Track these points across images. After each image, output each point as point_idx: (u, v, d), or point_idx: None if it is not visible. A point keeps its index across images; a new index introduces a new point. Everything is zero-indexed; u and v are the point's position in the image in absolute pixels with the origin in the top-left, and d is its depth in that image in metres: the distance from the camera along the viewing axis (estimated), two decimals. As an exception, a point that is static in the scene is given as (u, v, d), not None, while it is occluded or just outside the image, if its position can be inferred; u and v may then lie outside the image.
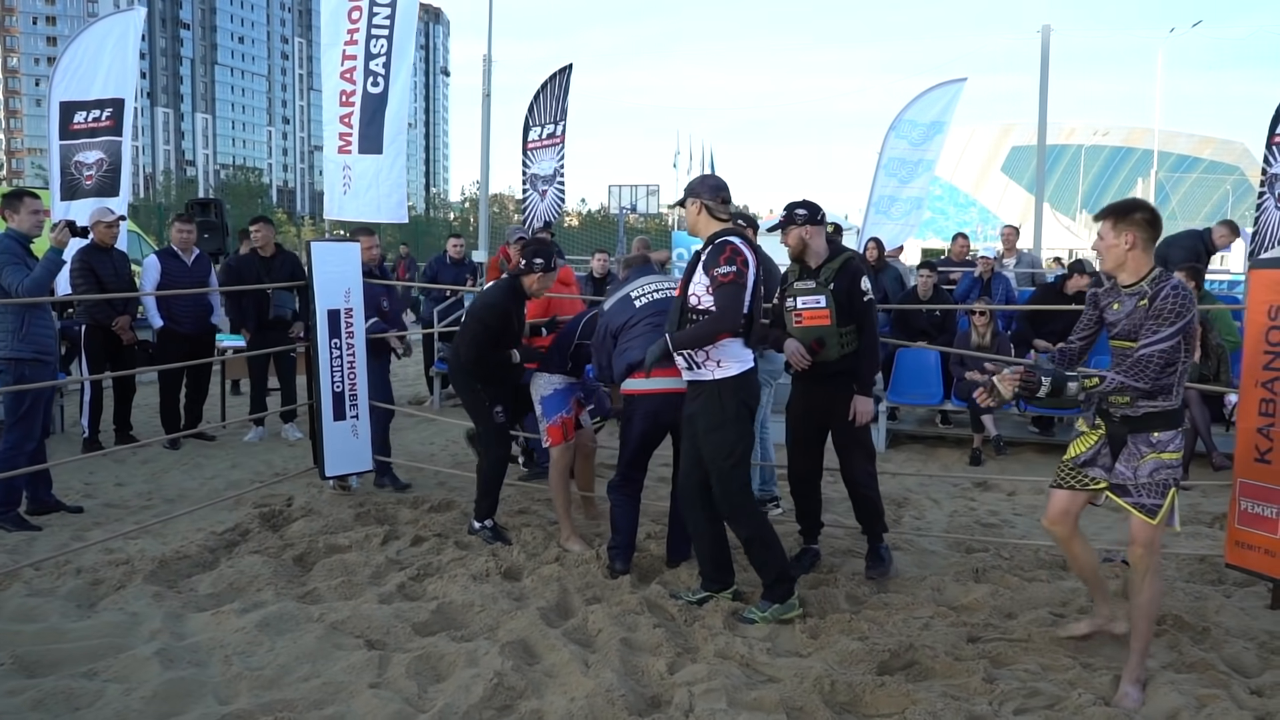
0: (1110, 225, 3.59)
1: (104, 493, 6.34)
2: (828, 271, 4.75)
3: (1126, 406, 3.64)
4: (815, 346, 4.73)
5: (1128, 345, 3.60)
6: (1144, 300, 3.54)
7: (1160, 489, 3.58)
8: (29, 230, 5.44)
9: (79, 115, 8.10)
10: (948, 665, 3.80)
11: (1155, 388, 3.54)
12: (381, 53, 6.03)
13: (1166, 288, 3.49)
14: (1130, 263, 3.58)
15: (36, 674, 3.60)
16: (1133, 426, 3.64)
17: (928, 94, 10.71)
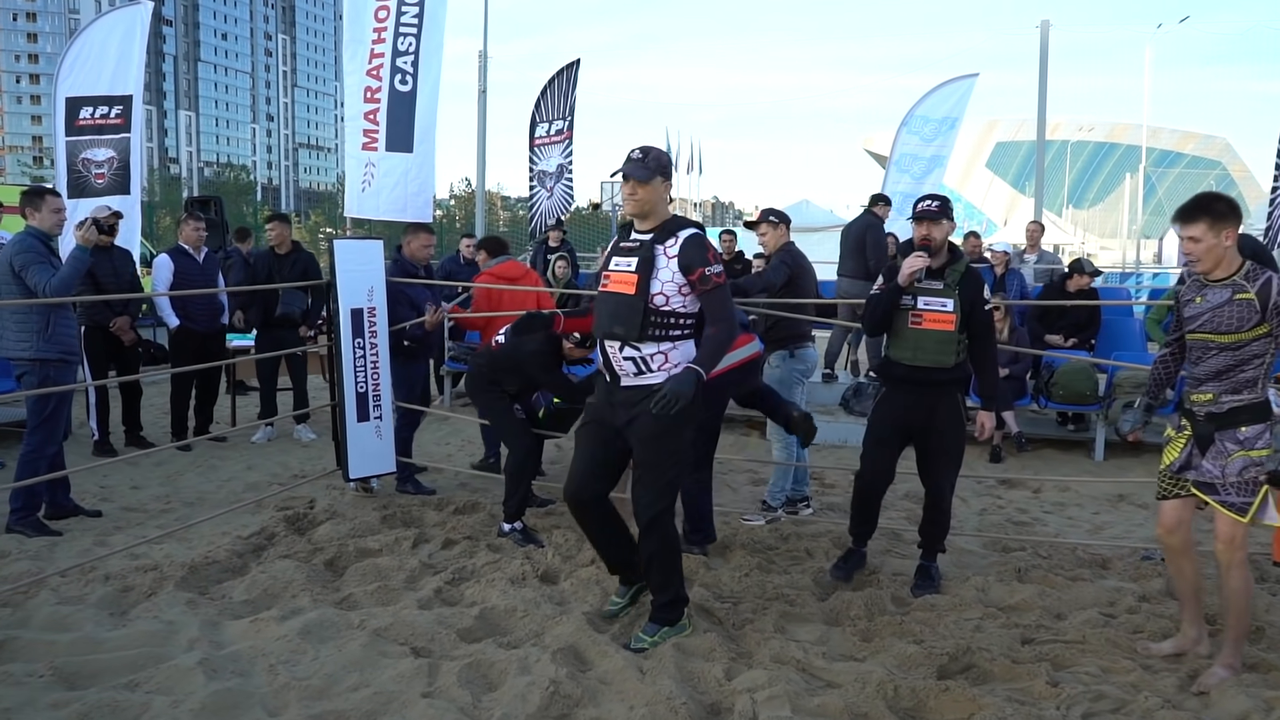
0: (1207, 226, 3.54)
1: (120, 496, 6.21)
2: (953, 274, 4.51)
3: (1211, 404, 3.61)
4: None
5: (1213, 338, 3.59)
6: (1244, 295, 3.52)
7: (1250, 487, 3.56)
8: (50, 229, 5.32)
9: (85, 111, 7.94)
10: (1007, 668, 3.74)
11: (1242, 381, 3.56)
12: (410, 50, 5.93)
13: (1274, 283, 3.49)
14: (1226, 257, 3.57)
15: (77, 685, 3.50)
16: (1219, 423, 3.61)
17: (940, 89, 10.66)
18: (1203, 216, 3.55)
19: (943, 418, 4.59)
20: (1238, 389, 3.57)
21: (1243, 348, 3.55)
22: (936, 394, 4.56)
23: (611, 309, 3.76)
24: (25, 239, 5.23)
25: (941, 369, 4.52)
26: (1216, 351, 3.60)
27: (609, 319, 3.77)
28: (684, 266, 3.67)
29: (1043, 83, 14.44)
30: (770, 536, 5.46)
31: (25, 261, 5.11)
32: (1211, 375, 3.62)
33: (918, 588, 4.63)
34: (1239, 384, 3.57)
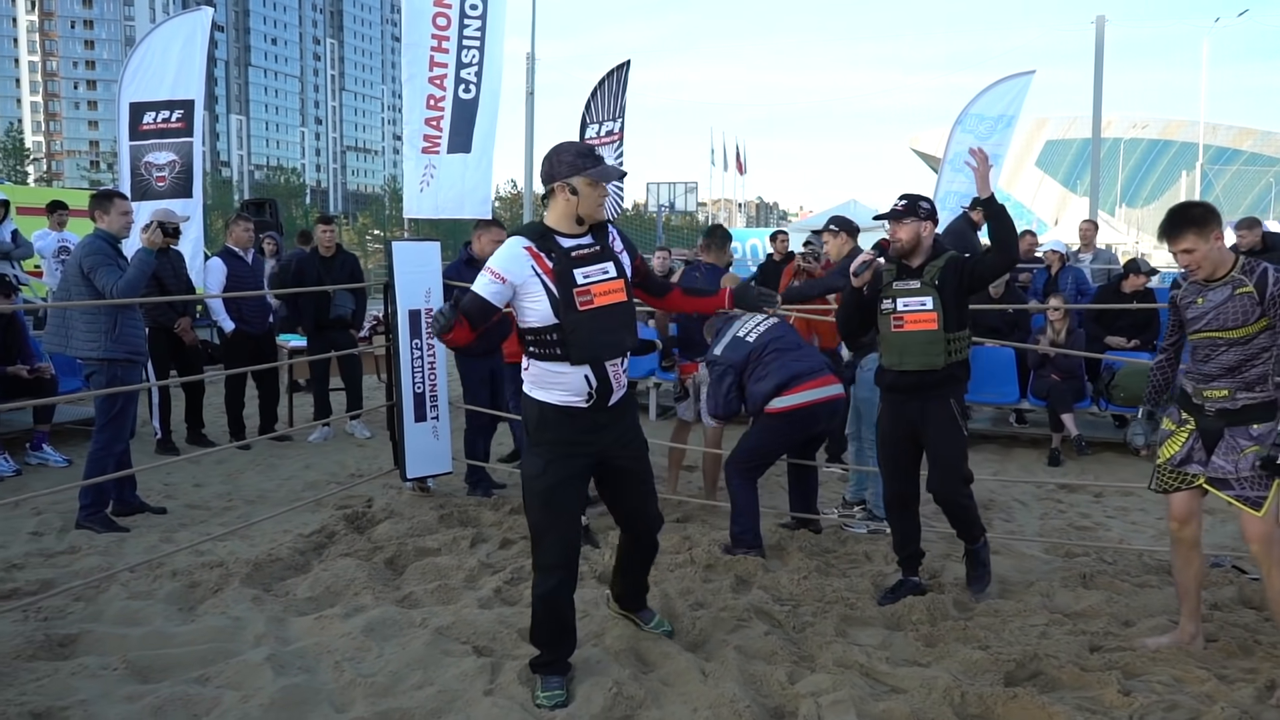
0: (1196, 235, 3.61)
1: (184, 494, 6.32)
2: (931, 270, 4.32)
3: (1226, 400, 3.65)
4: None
5: (1221, 335, 3.63)
6: (1243, 289, 3.59)
7: (1264, 480, 3.59)
8: (118, 231, 5.43)
9: (148, 116, 8.11)
10: (1076, 675, 3.67)
11: (1253, 377, 3.61)
12: (473, 62, 6.03)
13: (1270, 274, 3.56)
14: (1221, 258, 3.64)
15: (150, 679, 3.56)
16: (1230, 420, 3.66)
17: (995, 87, 10.52)
18: (1188, 228, 3.61)
19: (933, 422, 4.37)
20: (1250, 385, 3.62)
21: (1251, 341, 3.59)
22: (926, 398, 4.36)
23: (619, 322, 3.40)
24: (94, 241, 5.35)
25: (930, 371, 4.32)
26: (1226, 348, 3.64)
27: (621, 333, 3.41)
28: (632, 258, 3.56)
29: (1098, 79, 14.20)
30: (828, 539, 5.42)
31: (94, 263, 5.23)
32: (1224, 371, 3.65)
33: (974, 580, 4.55)
34: (1250, 380, 3.62)
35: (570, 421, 3.38)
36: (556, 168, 3.34)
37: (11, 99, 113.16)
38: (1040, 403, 7.92)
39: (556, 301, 3.27)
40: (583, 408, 3.37)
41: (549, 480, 3.37)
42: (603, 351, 3.35)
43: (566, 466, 3.39)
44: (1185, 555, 3.89)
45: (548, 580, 3.44)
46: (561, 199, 3.34)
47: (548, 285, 3.27)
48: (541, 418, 3.39)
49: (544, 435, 3.39)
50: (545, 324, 3.29)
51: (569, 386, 3.35)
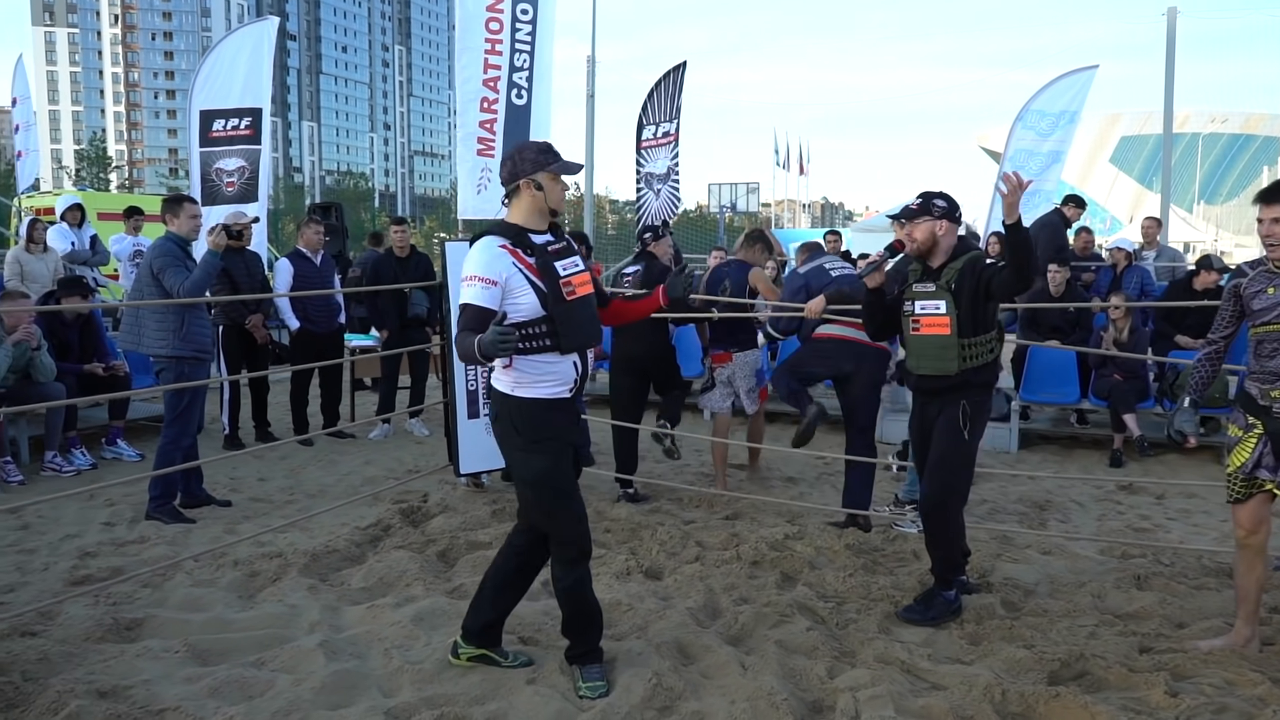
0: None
1: (248, 487, 6.54)
2: (949, 273, 4.16)
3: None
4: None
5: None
6: None
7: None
8: (188, 234, 5.65)
9: (218, 123, 8.39)
10: (1123, 676, 3.62)
11: None
12: (525, 66, 6.16)
13: None
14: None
15: (209, 662, 3.71)
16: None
17: (1057, 82, 10.33)
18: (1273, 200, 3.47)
19: (937, 427, 4.24)
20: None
21: None
22: (942, 403, 4.23)
23: (593, 312, 3.52)
24: (165, 243, 5.57)
25: (944, 377, 4.19)
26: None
27: (596, 323, 3.53)
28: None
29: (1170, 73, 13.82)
30: (877, 538, 5.40)
31: (163, 265, 5.45)
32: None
33: (905, 610, 4.23)
34: None
35: (559, 414, 3.41)
36: (521, 165, 3.37)
37: (96, 109, 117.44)
38: (1102, 403, 7.77)
39: (544, 294, 3.31)
40: (566, 398, 3.42)
41: (560, 477, 3.41)
42: (590, 338, 3.44)
43: (565, 457, 3.44)
44: (1250, 561, 3.80)
45: (574, 571, 3.47)
46: (528, 195, 3.38)
47: (532, 280, 3.31)
48: (533, 415, 3.36)
49: (542, 432, 3.37)
50: (533, 317, 3.30)
51: (559, 377, 3.37)
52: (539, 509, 3.46)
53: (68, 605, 4.23)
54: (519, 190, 3.40)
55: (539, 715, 3.32)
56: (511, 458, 3.47)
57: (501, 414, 3.41)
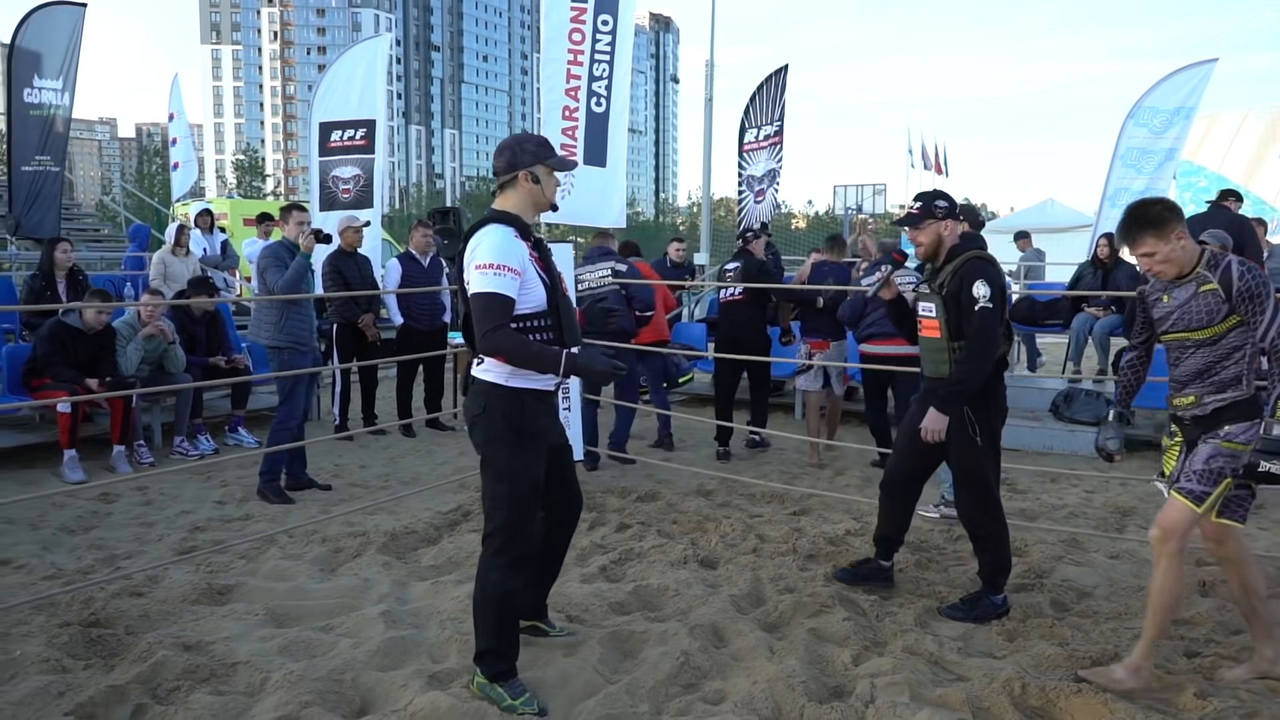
0: (1155, 237, 3.32)
1: (350, 474, 7.01)
2: (944, 276, 4.17)
3: (1194, 406, 3.41)
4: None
5: (1188, 336, 3.40)
6: (1208, 285, 3.32)
7: (1213, 477, 3.32)
8: (295, 238, 6.15)
9: (335, 134, 8.98)
10: (1157, 678, 3.59)
11: (1226, 379, 3.35)
12: (604, 75, 6.44)
13: (1234, 267, 3.28)
14: (1185, 256, 3.36)
15: (284, 625, 4.09)
16: (1205, 426, 3.40)
17: (1172, 78, 9.92)
18: (1146, 230, 3.33)
19: (950, 438, 4.19)
20: (1221, 388, 3.36)
21: (1219, 341, 3.36)
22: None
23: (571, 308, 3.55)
24: (273, 246, 6.15)
25: (938, 379, 4.21)
26: (1194, 349, 3.41)
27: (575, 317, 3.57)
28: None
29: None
30: (940, 536, 5.42)
31: (265, 265, 6.02)
32: (1192, 376, 3.43)
33: (949, 608, 4.27)
34: (1222, 383, 3.36)
35: (544, 406, 3.43)
36: (520, 156, 3.37)
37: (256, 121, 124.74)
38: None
39: (549, 287, 3.33)
40: (550, 390, 3.44)
41: (539, 479, 3.41)
42: (576, 334, 3.47)
43: (546, 455, 3.45)
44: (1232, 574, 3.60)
45: (517, 574, 3.42)
46: (525, 187, 3.37)
47: (539, 272, 3.32)
48: (522, 407, 3.33)
49: (529, 425, 3.34)
50: (538, 310, 3.31)
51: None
52: (504, 503, 3.35)
53: (172, 571, 4.71)
54: (516, 181, 3.38)
55: (571, 683, 3.53)
56: (494, 450, 3.36)
57: (491, 405, 3.32)
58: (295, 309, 6.09)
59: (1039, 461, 7.55)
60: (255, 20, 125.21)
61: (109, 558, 5.01)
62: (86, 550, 5.12)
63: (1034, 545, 5.23)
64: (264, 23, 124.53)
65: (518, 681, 3.43)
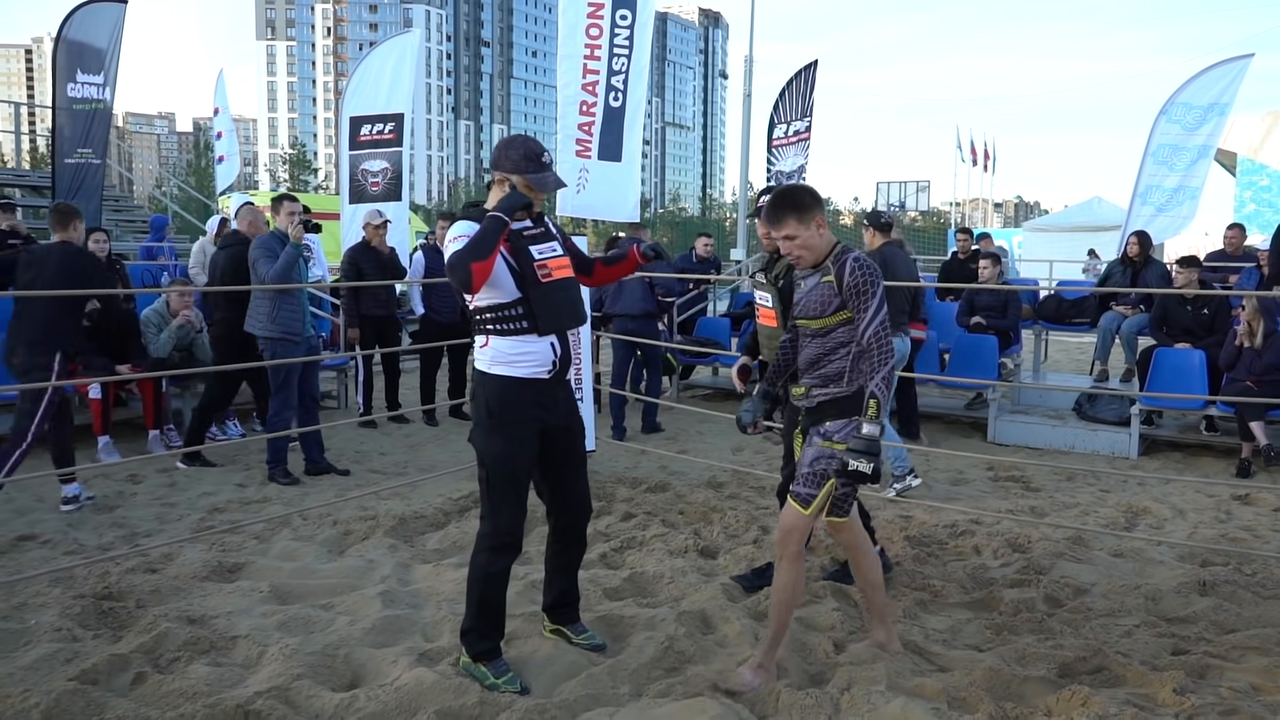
0: (797, 221, 3.35)
1: (370, 460, 7.17)
2: (779, 268, 4.32)
3: (803, 398, 3.44)
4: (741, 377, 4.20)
5: (806, 324, 3.45)
6: (828, 277, 3.36)
7: (818, 479, 3.34)
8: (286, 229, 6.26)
9: (365, 128, 9.16)
10: (1140, 674, 3.59)
11: (830, 373, 3.38)
12: (622, 70, 6.49)
13: (849, 262, 3.31)
14: (822, 244, 3.39)
15: (287, 602, 4.23)
16: (812, 418, 3.43)
17: (1206, 74, 9.72)
18: (789, 213, 3.34)
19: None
20: (826, 382, 3.39)
21: (829, 334, 3.38)
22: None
23: (573, 295, 3.56)
24: (266, 237, 6.28)
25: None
26: (810, 339, 3.45)
27: (577, 304, 3.56)
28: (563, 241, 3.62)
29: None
30: (943, 532, 5.43)
31: (256, 256, 6.19)
32: (807, 365, 3.47)
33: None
34: (828, 376, 3.39)
35: (533, 396, 3.43)
36: (502, 161, 3.44)
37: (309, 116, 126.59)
38: (1230, 409, 7.37)
39: (519, 275, 3.37)
40: (545, 379, 3.44)
41: (517, 461, 3.44)
42: (566, 320, 3.49)
43: (529, 444, 3.46)
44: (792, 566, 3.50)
45: (502, 559, 3.48)
46: (502, 189, 3.44)
47: (508, 260, 3.36)
48: (505, 394, 3.39)
49: (509, 414, 3.40)
50: (509, 299, 3.37)
51: (536, 358, 3.41)
52: (486, 489, 3.46)
53: (187, 549, 4.88)
54: (498, 181, 3.47)
55: (554, 664, 3.62)
56: (476, 434, 3.47)
57: (477, 391, 3.44)
58: (286, 299, 6.18)
59: (1060, 460, 7.50)
60: (309, 16, 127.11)
61: (129, 535, 5.20)
62: (109, 528, 5.32)
63: (1037, 542, 5.22)
64: (318, 19, 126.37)
65: (501, 661, 3.53)
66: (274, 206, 6.37)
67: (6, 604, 4.08)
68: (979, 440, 8.18)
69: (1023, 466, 7.08)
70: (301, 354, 6.26)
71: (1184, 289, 7.85)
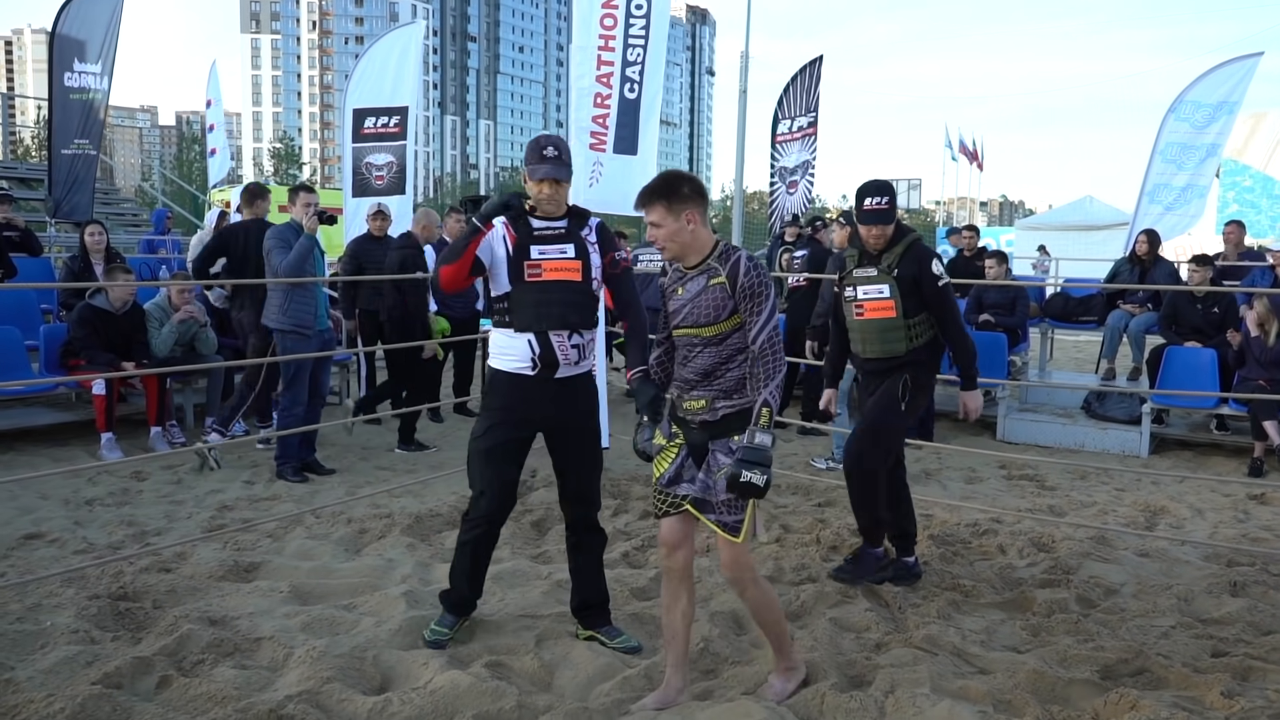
0: (665, 209, 3.14)
1: (377, 456, 7.06)
2: (890, 258, 4.35)
3: (705, 411, 3.19)
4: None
5: (696, 333, 3.19)
6: (717, 279, 3.14)
7: (740, 504, 3.14)
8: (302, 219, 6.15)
9: (369, 121, 9.03)
10: (1184, 676, 3.54)
11: (730, 382, 3.17)
12: (638, 60, 6.39)
13: (743, 262, 3.14)
14: (695, 242, 3.19)
15: (308, 602, 4.14)
16: (713, 432, 3.19)
17: (1215, 72, 9.72)
18: (658, 199, 3.15)
19: (876, 397, 4.44)
20: (729, 392, 3.16)
21: (725, 341, 3.17)
22: (884, 378, 4.44)
23: (564, 296, 3.54)
24: (281, 227, 6.17)
25: (894, 358, 4.37)
26: (701, 348, 3.20)
27: (564, 307, 3.53)
28: (602, 251, 3.63)
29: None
30: (966, 531, 5.38)
31: (270, 246, 6.06)
32: (700, 377, 3.20)
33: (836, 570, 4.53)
34: (729, 386, 3.16)
35: (517, 389, 3.56)
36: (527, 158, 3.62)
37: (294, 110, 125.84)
38: (1241, 408, 7.36)
39: (510, 272, 3.52)
40: (529, 375, 3.54)
41: (489, 442, 3.62)
42: (543, 322, 3.49)
43: (506, 431, 3.61)
44: (674, 589, 3.31)
45: (472, 531, 3.74)
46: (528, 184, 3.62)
47: (510, 256, 3.52)
48: (493, 383, 3.66)
49: (492, 400, 3.64)
50: (501, 292, 3.56)
51: (516, 354, 3.54)
52: (469, 466, 3.74)
53: (200, 548, 4.78)
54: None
55: (588, 667, 3.55)
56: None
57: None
58: (299, 292, 6.07)
59: (1070, 458, 7.46)
60: (294, 10, 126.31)
61: (139, 534, 5.09)
62: (117, 526, 5.20)
63: (1061, 541, 5.17)
64: (303, 12, 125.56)
65: (448, 616, 3.80)
66: (290, 197, 6.27)
67: (20, 605, 3.97)
68: (988, 438, 8.14)
69: (1036, 464, 7.04)
70: (314, 348, 6.14)
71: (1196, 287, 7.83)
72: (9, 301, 8.15)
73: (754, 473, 2.99)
